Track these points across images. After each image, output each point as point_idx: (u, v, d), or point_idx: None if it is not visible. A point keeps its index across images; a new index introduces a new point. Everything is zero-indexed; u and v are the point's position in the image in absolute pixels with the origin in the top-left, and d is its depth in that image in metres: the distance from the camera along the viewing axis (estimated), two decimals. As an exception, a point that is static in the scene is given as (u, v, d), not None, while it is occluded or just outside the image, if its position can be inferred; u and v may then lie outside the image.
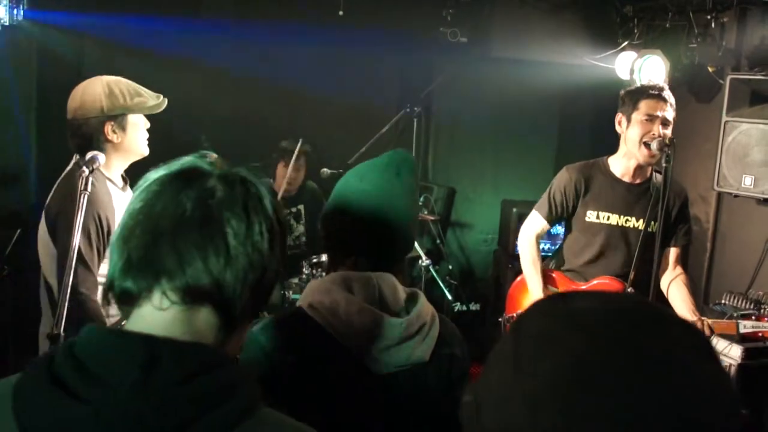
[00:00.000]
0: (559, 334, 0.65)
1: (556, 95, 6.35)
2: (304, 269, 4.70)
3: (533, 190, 6.35)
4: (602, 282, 3.72)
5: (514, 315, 4.05)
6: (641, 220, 3.66)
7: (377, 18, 5.68)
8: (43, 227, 3.07)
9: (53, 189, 3.11)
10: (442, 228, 6.24)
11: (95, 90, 3.08)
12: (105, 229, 3.00)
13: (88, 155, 2.86)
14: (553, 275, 3.96)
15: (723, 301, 4.82)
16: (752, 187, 4.59)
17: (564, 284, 3.89)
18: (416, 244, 5.49)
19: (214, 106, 5.65)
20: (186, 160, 1.23)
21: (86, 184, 2.75)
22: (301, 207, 5.42)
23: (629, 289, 3.58)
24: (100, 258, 3.00)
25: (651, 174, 3.76)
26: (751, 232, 4.97)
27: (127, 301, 1.16)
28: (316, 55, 5.90)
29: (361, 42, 5.83)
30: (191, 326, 1.15)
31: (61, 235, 2.95)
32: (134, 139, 3.16)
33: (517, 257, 5.61)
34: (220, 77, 5.71)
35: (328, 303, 1.76)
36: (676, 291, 3.68)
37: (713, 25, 5.09)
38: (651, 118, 3.55)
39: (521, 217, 5.62)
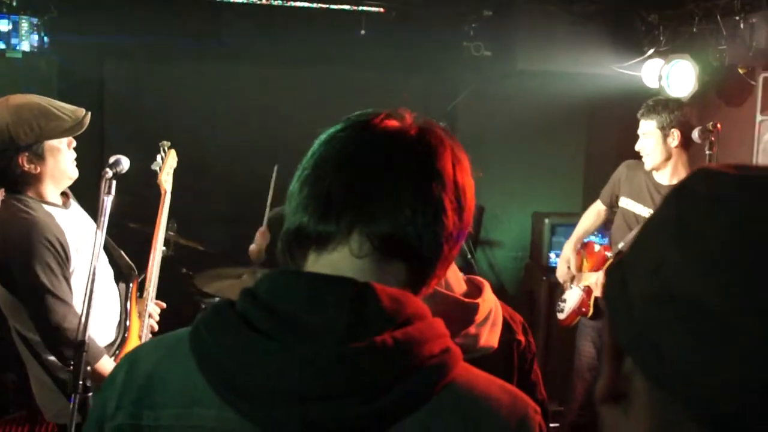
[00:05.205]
0: (731, 194, 0.62)
1: (583, 106, 6.23)
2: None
3: (563, 203, 6.25)
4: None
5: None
6: None
7: (399, 35, 5.64)
8: None
9: None
10: (473, 244, 6.13)
11: None
12: (61, 250, 2.70)
13: (112, 159, 2.76)
14: (589, 244, 4.59)
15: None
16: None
17: (591, 253, 4.50)
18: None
19: (235, 127, 5.62)
20: (369, 111, 1.11)
21: (109, 188, 2.66)
22: None
23: None
24: (69, 283, 2.74)
25: None
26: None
27: (319, 246, 1.03)
28: (338, 73, 5.87)
29: (384, 59, 5.79)
30: (380, 279, 1.01)
31: (18, 275, 2.68)
32: (56, 165, 2.80)
33: (550, 269, 5.51)
34: (240, 98, 5.69)
35: None
36: None
37: (742, 26, 4.98)
38: None
39: (554, 228, 5.53)
